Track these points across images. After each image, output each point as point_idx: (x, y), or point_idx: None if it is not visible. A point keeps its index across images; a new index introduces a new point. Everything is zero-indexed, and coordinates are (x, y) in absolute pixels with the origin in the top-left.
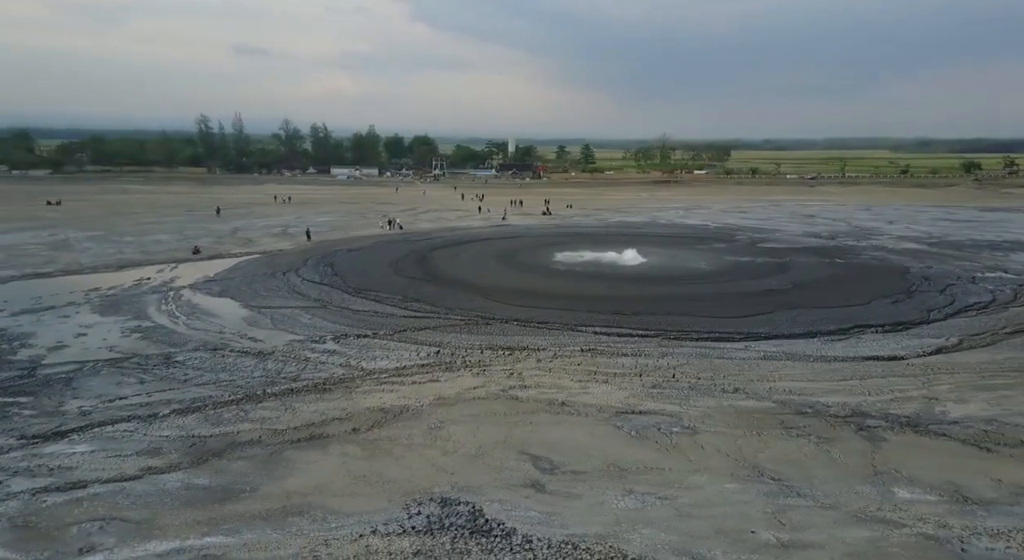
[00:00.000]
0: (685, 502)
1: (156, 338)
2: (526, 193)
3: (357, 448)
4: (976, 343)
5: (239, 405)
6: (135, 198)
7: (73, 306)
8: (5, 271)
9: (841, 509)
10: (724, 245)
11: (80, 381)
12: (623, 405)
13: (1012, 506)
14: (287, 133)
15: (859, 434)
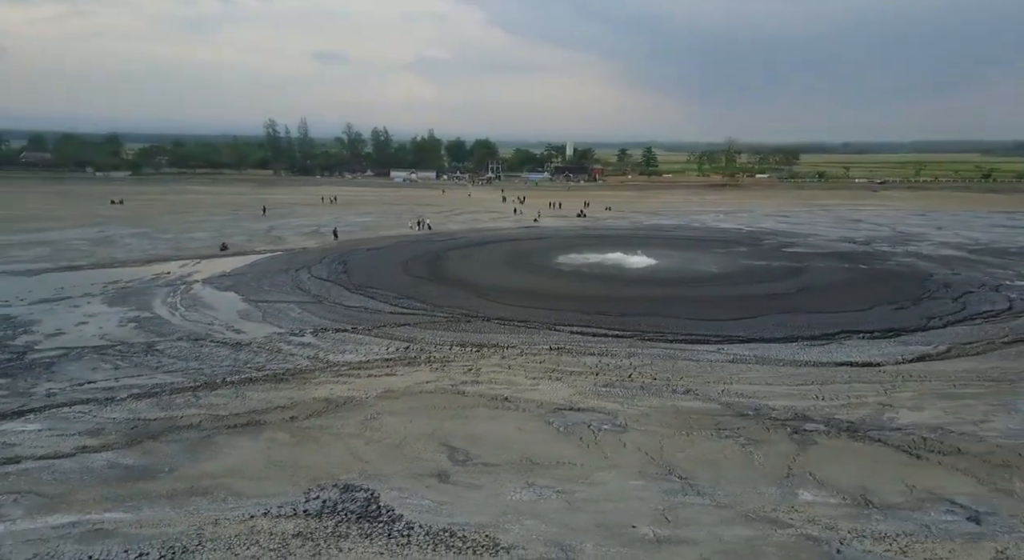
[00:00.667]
0: (581, 497)
1: (148, 328)
2: (572, 195)
3: (287, 435)
4: (965, 351)
5: (195, 392)
6: (194, 198)
7: (88, 297)
8: (42, 264)
9: (734, 509)
10: (746, 249)
11: (60, 366)
12: (565, 402)
13: (911, 511)
14: (349, 137)
15: (792, 437)
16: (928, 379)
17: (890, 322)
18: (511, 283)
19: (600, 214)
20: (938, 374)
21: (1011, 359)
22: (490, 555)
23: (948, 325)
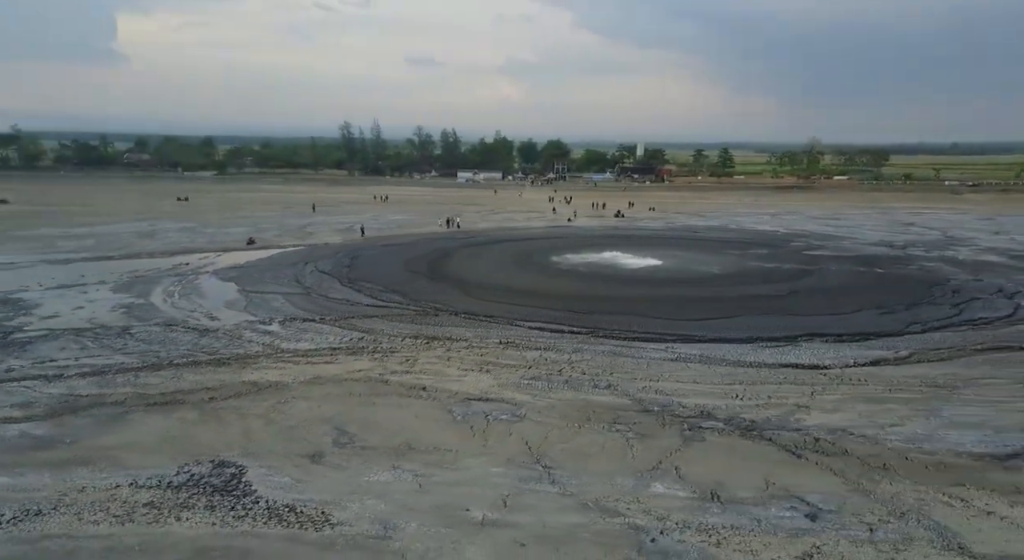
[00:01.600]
0: (435, 480)
1: (134, 313)
2: (625, 196)
3: (197, 414)
4: (927, 357)
5: (138, 372)
6: (256, 196)
7: (100, 284)
8: (81, 253)
9: (577, 497)
10: (765, 251)
11: (35, 345)
12: (479, 393)
13: (752, 506)
14: (420, 139)
15: (683, 433)
16: (866, 383)
17: (866, 326)
18: (498, 280)
19: (641, 215)
20: (880, 378)
21: (972, 366)
22: (315, 529)
23: (928, 331)
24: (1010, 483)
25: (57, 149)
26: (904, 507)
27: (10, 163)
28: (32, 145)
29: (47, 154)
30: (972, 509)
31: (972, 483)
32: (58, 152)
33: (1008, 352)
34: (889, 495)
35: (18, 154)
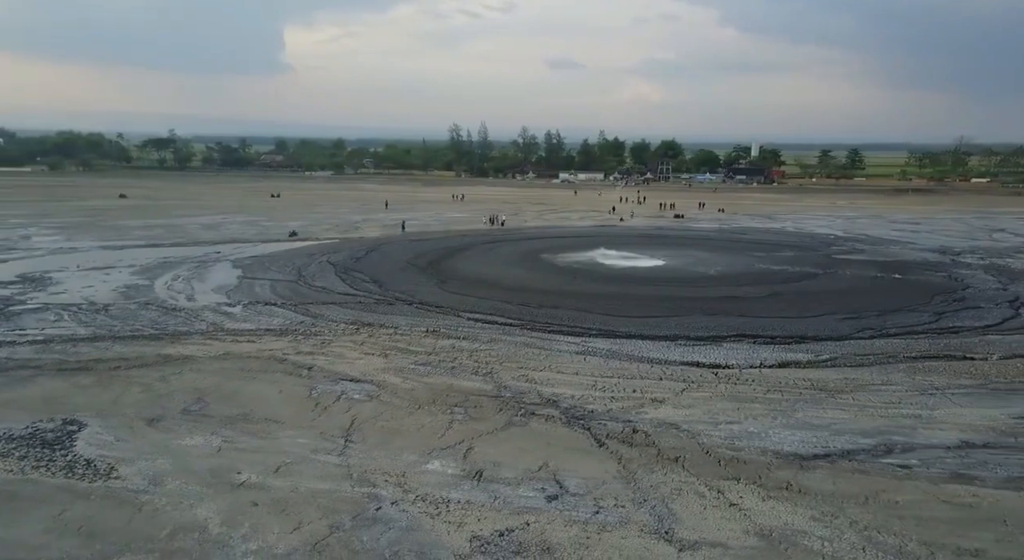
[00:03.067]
0: (237, 446)
1: (127, 293)
2: (710, 197)
3: (92, 380)
4: (845, 362)
5: (79, 342)
6: (349, 194)
7: (127, 267)
8: (139, 241)
9: (348, 468)
10: (792, 253)
11: (21, 317)
12: (356, 374)
13: (505, 485)
14: (524, 140)
15: (511, 419)
16: (750, 383)
17: (811, 330)
18: (479, 274)
19: (704, 216)
20: (770, 379)
21: (884, 372)
22: (89, 481)
23: (878, 337)
24: (786, 480)
25: (204, 151)
26: (653, 495)
27: (165, 164)
28: (185, 148)
29: (196, 156)
30: (719, 501)
31: (747, 478)
32: (205, 154)
33: (942, 361)
34: (650, 484)
35: (173, 156)
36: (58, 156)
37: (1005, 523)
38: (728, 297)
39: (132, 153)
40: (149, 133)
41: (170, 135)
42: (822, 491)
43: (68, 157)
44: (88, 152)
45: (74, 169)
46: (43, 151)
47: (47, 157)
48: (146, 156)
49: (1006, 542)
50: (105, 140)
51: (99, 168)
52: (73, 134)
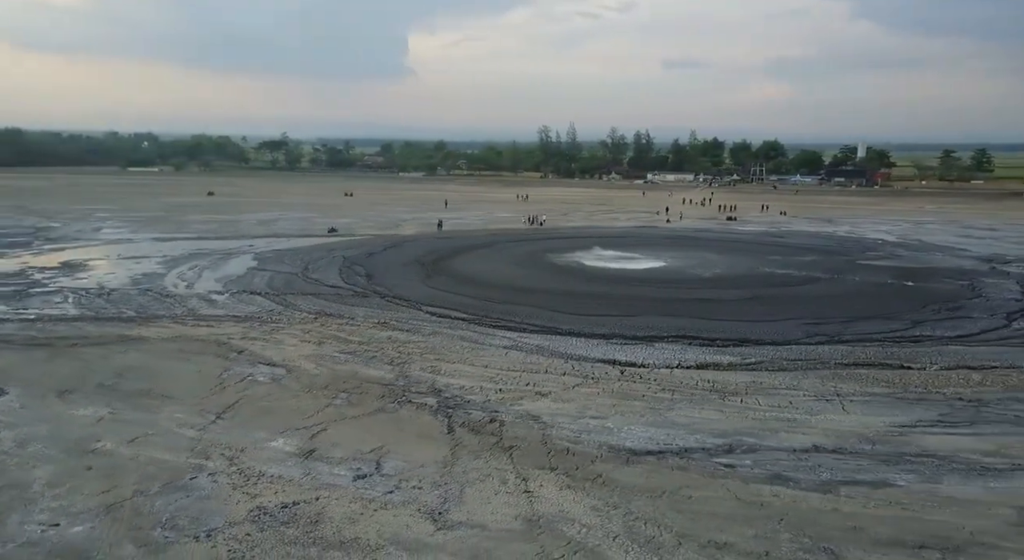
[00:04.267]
0: (119, 417)
1: (139, 281)
2: (790, 200)
3: (47, 354)
4: (768, 366)
5: (60, 321)
6: (422, 193)
7: (158, 257)
8: (190, 235)
9: (198, 440)
10: (812, 258)
11: (32, 298)
12: (279, 359)
13: (326, 463)
14: (613, 140)
15: (384, 405)
16: (645, 381)
17: (758, 334)
18: (473, 272)
19: (761, 218)
20: (671, 379)
21: (799, 378)
22: None
23: (824, 343)
24: (599, 473)
25: (312, 153)
26: (457, 480)
27: (277, 165)
28: (295, 149)
29: (304, 157)
30: (516, 488)
31: (563, 469)
32: (313, 155)
33: (873, 369)
34: (464, 470)
35: (284, 157)
36: (183, 158)
37: (779, 521)
38: (702, 299)
39: (249, 155)
40: (278, 136)
41: (282, 138)
42: (625, 484)
43: (192, 158)
44: (211, 154)
45: (196, 169)
46: (176, 153)
47: (177, 158)
48: (260, 157)
49: (763, 538)
50: (230, 143)
51: (218, 168)
52: (205, 137)
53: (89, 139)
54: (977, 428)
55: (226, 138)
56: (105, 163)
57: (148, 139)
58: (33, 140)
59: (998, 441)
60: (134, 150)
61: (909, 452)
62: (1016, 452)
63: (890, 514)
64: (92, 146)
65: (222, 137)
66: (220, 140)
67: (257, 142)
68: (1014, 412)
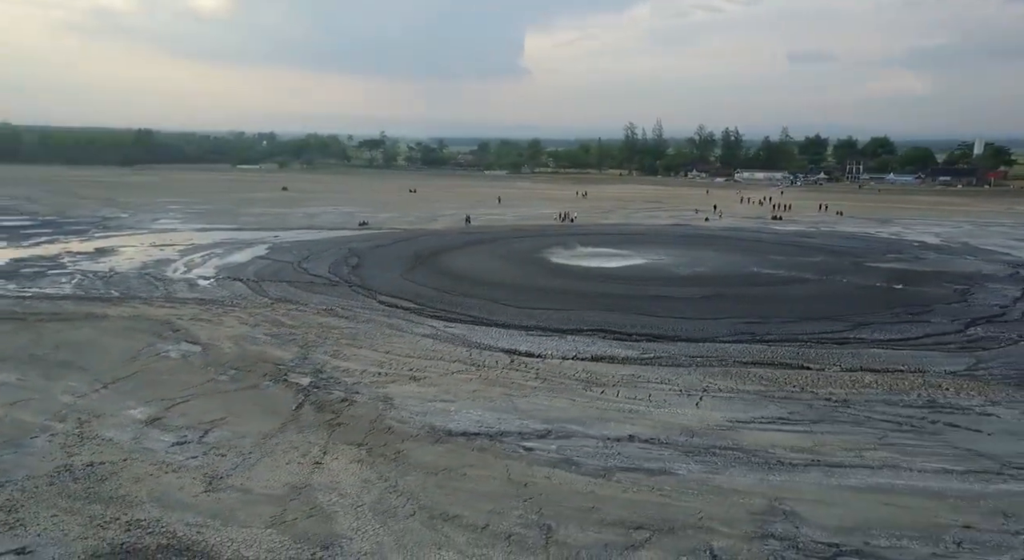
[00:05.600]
0: (23, 385)
1: (146, 265)
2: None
3: (12, 327)
4: (663, 362)
5: (45, 299)
6: (491, 190)
7: (184, 245)
8: (232, 225)
9: (52, 403)
10: (818, 258)
11: (44, 279)
12: (206, 339)
13: (161, 431)
14: (700, 138)
15: (261, 384)
16: (528, 370)
17: (682, 330)
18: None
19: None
20: (553, 369)
21: (682, 374)
22: None
23: (741, 342)
24: (401, 450)
25: (407, 151)
26: (262, 450)
27: (374, 163)
28: (392, 148)
29: (400, 156)
30: (309, 459)
31: (371, 445)
32: (408, 154)
33: (769, 368)
34: (277, 442)
35: (382, 156)
36: (288, 156)
37: (527, 500)
38: (657, 296)
39: (351, 153)
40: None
41: (381, 136)
42: (415, 461)
43: (296, 157)
44: (315, 152)
45: (298, 167)
46: (287, 151)
47: (282, 157)
48: (360, 156)
49: (495, 513)
50: (336, 142)
51: (319, 166)
52: (315, 137)
53: (216, 139)
54: (812, 427)
55: (333, 137)
56: (221, 161)
57: (268, 139)
58: (161, 140)
59: (818, 439)
60: (249, 149)
61: (719, 445)
62: (826, 450)
63: (640, 498)
64: (217, 145)
65: (330, 136)
66: (327, 139)
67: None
68: (869, 414)
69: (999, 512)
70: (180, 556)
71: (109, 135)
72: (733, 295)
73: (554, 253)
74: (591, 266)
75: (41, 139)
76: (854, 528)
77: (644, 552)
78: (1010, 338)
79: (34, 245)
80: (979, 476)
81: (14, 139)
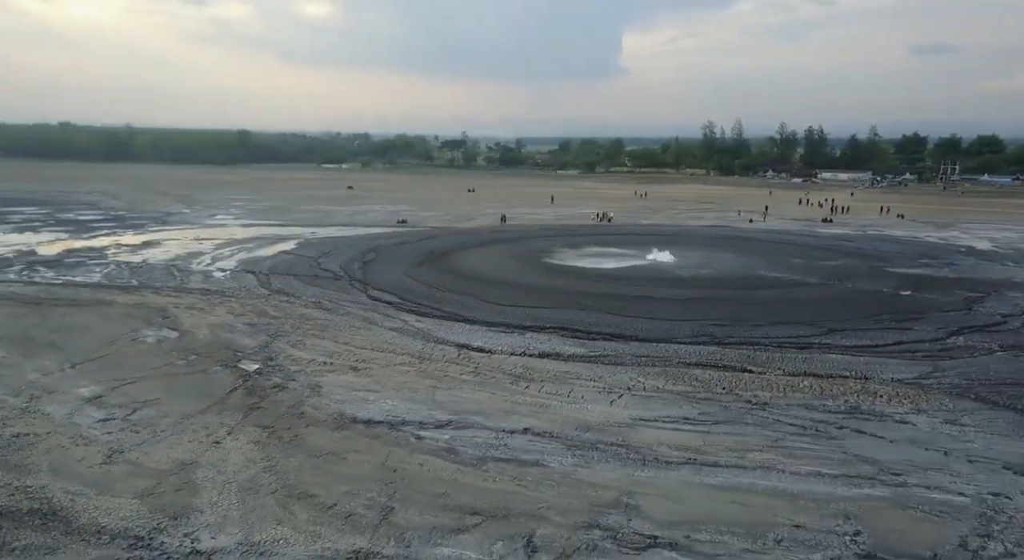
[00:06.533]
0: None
1: (177, 257)
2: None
3: (27, 310)
4: (607, 360)
5: (71, 287)
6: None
7: (220, 240)
8: (277, 221)
9: (35, 384)
10: (837, 262)
11: (79, 268)
12: (189, 326)
13: (86, 404)
14: (782, 136)
15: (213, 368)
16: (469, 364)
17: (642, 330)
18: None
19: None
20: (494, 364)
21: (618, 373)
22: None
23: (696, 344)
24: (300, 434)
25: (486, 152)
26: (176, 428)
27: (454, 163)
28: (472, 148)
29: (480, 156)
30: (210, 439)
31: (277, 427)
32: (487, 154)
33: (711, 369)
34: (194, 422)
35: (462, 156)
36: (372, 156)
37: (388, 483)
38: (640, 297)
39: (434, 153)
40: (486, 136)
41: (462, 137)
42: (307, 445)
43: (379, 157)
44: (399, 152)
45: (380, 166)
46: (374, 151)
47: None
48: (441, 156)
49: (349, 494)
50: (421, 142)
51: (401, 166)
52: (404, 137)
53: (311, 139)
54: (712, 427)
55: (420, 138)
56: (311, 160)
57: (361, 139)
58: (259, 141)
59: (710, 439)
60: (340, 149)
61: (606, 441)
62: (710, 450)
63: (496, 487)
64: (311, 145)
65: (416, 137)
66: (413, 140)
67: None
68: (780, 417)
69: (843, 514)
70: (44, 519)
71: (212, 136)
72: (720, 298)
73: (562, 253)
74: (588, 266)
75: (153, 140)
76: (684, 523)
77: (465, 536)
78: (987, 348)
79: (91, 237)
80: (848, 480)
81: (129, 140)
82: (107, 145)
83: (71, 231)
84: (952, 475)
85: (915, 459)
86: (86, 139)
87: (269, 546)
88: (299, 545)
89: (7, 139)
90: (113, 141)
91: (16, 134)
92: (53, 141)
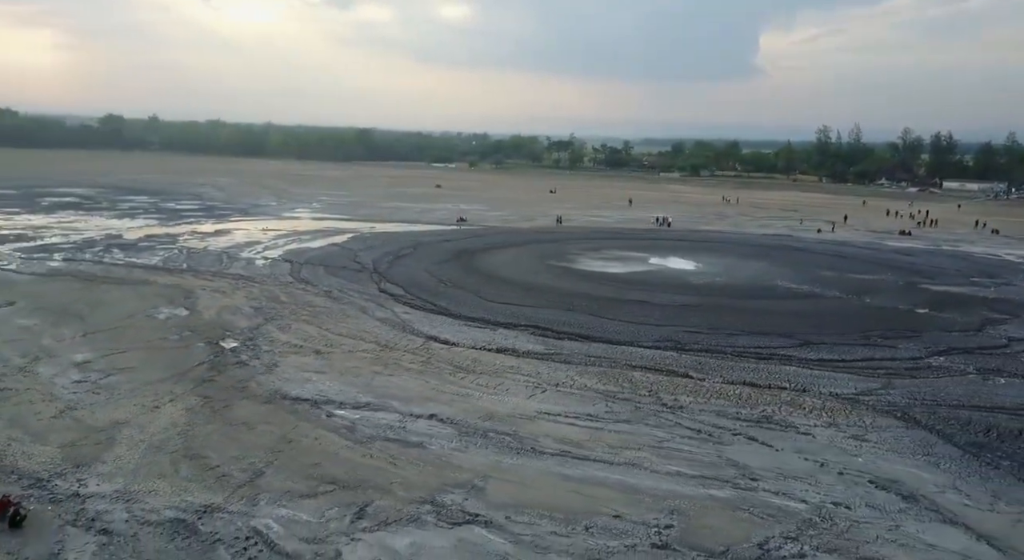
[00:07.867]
0: (29, 327)
1: (235, 246)
2: None
3: (81, 285)
4: (561, 358)
5: (129, 267)
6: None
7: (284, 230)
8: (345, 216)
9: (35, 347)
10: (875, 276)
11: (145, 251)
12: (202, 307)
13: (62, 375)
14: (905, 142)
15: (194, 345)
16: (428, 354)
17: (607, 332)
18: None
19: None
20: (448, 356)
21: (560, 371)
22: None
23: (661, 349)
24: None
25: (591, 153)
26: (131, 393)
27: (559, 164)
28: (579, 149)
29: (586, 157)
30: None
31: (219, 399)
32: (593, 155)
33: (654, 373)
34: (151, 390)
35: (568, 157)
36: (481, 155)
37: (277, 452)
38: (637, 301)
39: (541, 154)
40: (605, 138)
41: (570, 138)
42: (234, 415)
43: (489, 157)
44: (508, 152)
45: (487, 166)
46: (486, 151)
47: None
48: (548, 157)
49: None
50: (533, 142)
51: (507, 166)
52: (519, 137)
53: (428, 137)
54: (609, 425)
55: (533, 138)
56: (422, 158)
57: (479, 139)
58: (378, 139)
59: (598, 436)
60: (453, 149)
61: (498, 430)
62: (590, 446)
63: (367, 463)
64: (426, 143)
65: (529, 137)
66: (526, 140)
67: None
68: (684, 421)
69: (669, 510)
70: None
71: (335, 134)
72: (715, 306)
73: (587, 256)
74: (599, 270)
75: (284, 137)
76: (514, 506)
77: (310, 501)
78: (961, 370)
79: (176, 225)
80: (701, 481)
81: (263, 137)
82: (245, 141)
83: (162, 219)
84: (809, 484)
85: (785, 468)
86: (227, 135)
87: (139, 495)
88: (164, 497)
89: (164, 135)
90: (250, 138)
91: (172, 131)
92: (200, 137)
